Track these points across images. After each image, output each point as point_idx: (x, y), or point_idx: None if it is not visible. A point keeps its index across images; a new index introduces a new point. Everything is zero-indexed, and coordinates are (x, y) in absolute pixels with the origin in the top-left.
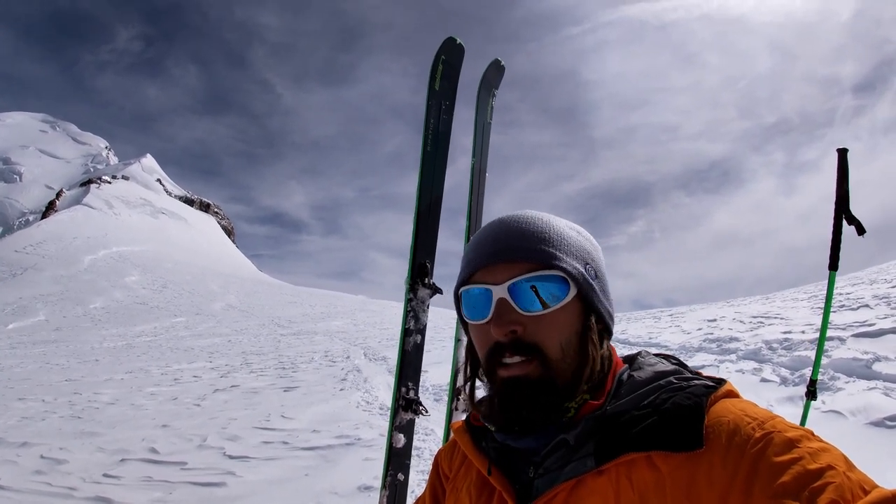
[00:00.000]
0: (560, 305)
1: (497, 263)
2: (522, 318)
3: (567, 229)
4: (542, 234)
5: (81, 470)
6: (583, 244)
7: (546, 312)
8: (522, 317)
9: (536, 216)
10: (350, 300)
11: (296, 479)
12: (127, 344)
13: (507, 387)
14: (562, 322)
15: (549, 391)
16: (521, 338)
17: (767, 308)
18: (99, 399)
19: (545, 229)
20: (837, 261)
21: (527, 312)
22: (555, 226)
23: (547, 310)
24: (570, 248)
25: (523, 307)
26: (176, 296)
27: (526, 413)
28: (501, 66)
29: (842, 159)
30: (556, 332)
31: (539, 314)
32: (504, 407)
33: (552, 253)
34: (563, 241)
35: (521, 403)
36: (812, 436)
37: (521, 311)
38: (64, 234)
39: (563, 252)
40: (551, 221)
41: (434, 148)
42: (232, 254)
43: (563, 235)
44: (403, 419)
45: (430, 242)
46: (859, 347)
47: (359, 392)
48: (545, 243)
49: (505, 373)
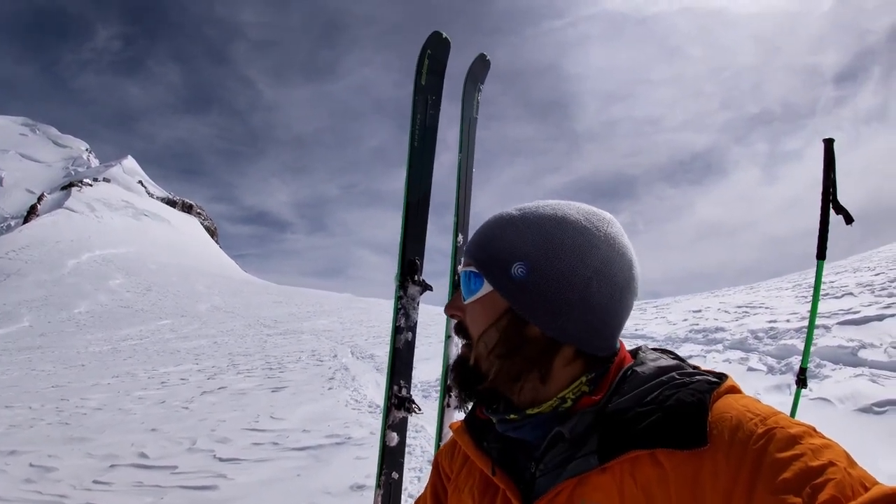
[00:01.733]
0: (475, 298)
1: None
2: (462, 305)
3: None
4: (482, 234)
5: (71, 477)
6: (529, 242)
7: (469, 302)
8: (462, 304)
9: (499, 215)
10: (336, 298)
11: (288, 479)
12: (113, 348)
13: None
14: (478, 313)
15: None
16: (460, 322)
17: (752, 298)
18: (86, 404)
19: (487, 230)
20: (825, 250)
21: (465, 301)
22: (503, 223)
23: (469, 300)
24: (501, 244)
25: (464, 296)
26: (160, 298)
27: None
28: (487, 61)
29: (828, 149)
30: (475, 322)
31: (467, 303)
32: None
33: (476, 252)
34: (496, 238)
35: (455, 376)
36: (814, 432)
37: (464, 299)
38: (46, 238)
39: (486, 250)
40: (506, 219)
41: (421, 143)
42: (216, 254)
43: (505, 232)
44: (396, 417)
45: (419, 239)
46: (845, 335)
47: (347, 390)
48: (479, 241)
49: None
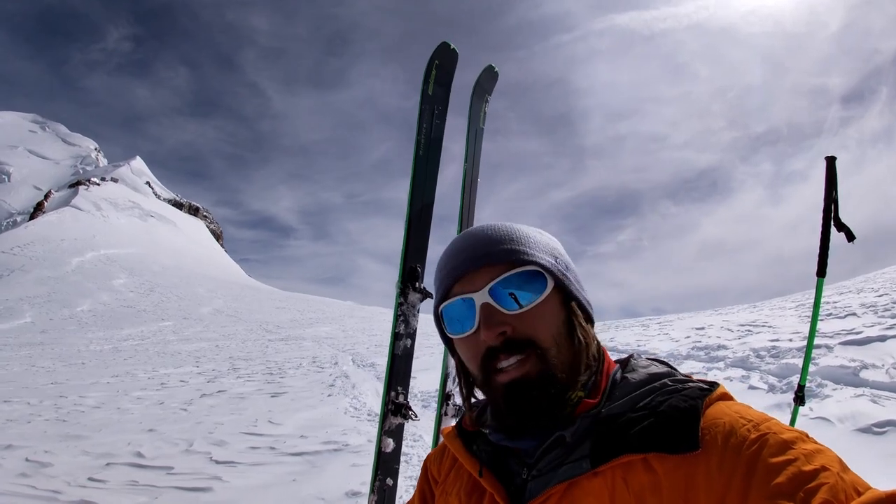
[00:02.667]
0: (542, 298)
1: (472, 272)
2: (509, 318)
3: (529, 230)
4: (509, 237)
5: (66, 473)
6: (548, 241)
7: (530, 308)
8: (508, 316)
9: (496, 224)
10: (338, 306)
11: (283, 484)
12: (113, 347)
13: (510, 390)
14: (548, 314)
15: (552, 384)
16: (512, 337)
17: (755, 316)
18: (85, 402)
19: (509, 232)
20: (825, 267)
21: (512, 311)
22: (517, 228)
23: (530, 305)
24: (538, 244)
25: (507, 307)
26: (163, 299)
27: (534, 410)
28: (495, 72)
29: (830, 167)
30: (544, 325)
31: (524, 311)
32: (512, 410)
33: (524, 251)
34: (530, 239)
35: (528, 403)
36: (807, 437)
37: (507, 312)
38: (52, 235)
39: (533, 248)
40: (513, 225)
41: (426, 153)
42: (220, 258)
43: (529, 234)
44: (393, 423)
45: (421, 247)
46: (847, 355)
47: (347, 398)
48: (515, 243)
49: (504, 378)
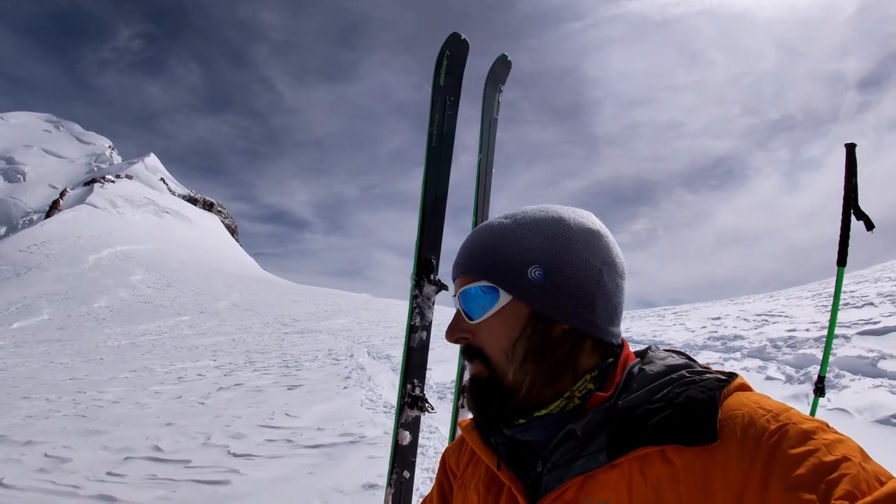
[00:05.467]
0: (491, 312)
1: (457, 276)
2: (470, 327)
3: (521, 230)
4: (482, 244)
5: (85, 468)
6: (535, 245)
7: (482, 320)
8: (469, 325)
9: (487, 225)
10: (354, 298)
11: (300, 477)
12: (131, 343)
13: (469, 386)
14: (498, 328)
15: (497, 391)
16: (469, 344)
17: (772, 306)
18: (103, 397)
19: (486, 238)
20: (846, 256)
21: (471, 321)
22: (500, 232)
23: (482, 317)
24: (508, 253)
25: (469, 316)
26: (180, 294)
27: (485, 411)
28: (508, 61)
29: (850, 154)
30: (493, 339)
31: (479, 322)
32: (468, 402)
33: (482, 262)
34: (502, 248)
35: (476, 400)
36: (827, 427)
37: (467, 320)
38: (68, 233)
39: (494, 260)
40: (499, 227)
41: (439, 144)
42: (236, 252)
43: (506, 241)
44: (409, 416)
45: (435, 239)
46: (864, 345)
47: (363, 390)
48: (481, 252)
49: (467, 373)
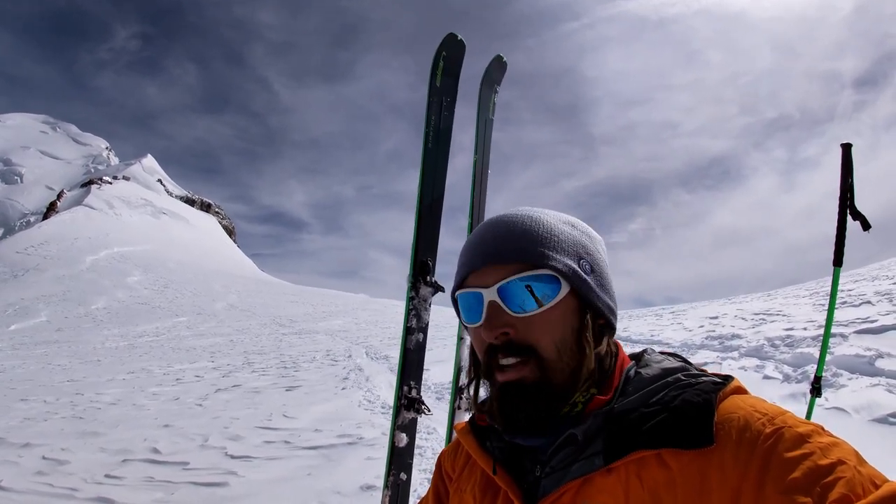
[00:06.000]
0: (552, 304)
1: (487, 266)
2: (513, 320)
3: (559, 224)
4: (529, 233)
5: (83, 470)
6: (577, 238)
7: (538, 312)
8: (513, 318)
9: (526, 213)
10: (351, 299)
11: (298, 478)
12: (129, 344)
13: (504, 391)
14: (555, 321)
15: (546, 394)
16: (513, 339)
17: (769, 305)
18: (101, 399)
19: (533, 227)
20: (842, 256)
21: (518, 314)
22: (544, 222)
23: (539, 309)
24: (561, 243)
25: (514, 309)
26: (178, 296)
27: (524, 417)
28: (503, 62)
29: (846, 154)
30: (549, 332)
31: (530, 314)
32: (502, 410)
33: (540, 251)
34: (553, 237)
35: (518, 407)
36: (822, 431)
37: (512, 313)
38: (65, 234)
39: (552, 249)
40: (541, 217)
41: (435, 145)
42: (233, 253)
43: (553, 231)
44: (406, 418)
45: (431, 240)
46: (862, 344)
47: (361, 391)
48: (533, 241)
49: (501, 377)
